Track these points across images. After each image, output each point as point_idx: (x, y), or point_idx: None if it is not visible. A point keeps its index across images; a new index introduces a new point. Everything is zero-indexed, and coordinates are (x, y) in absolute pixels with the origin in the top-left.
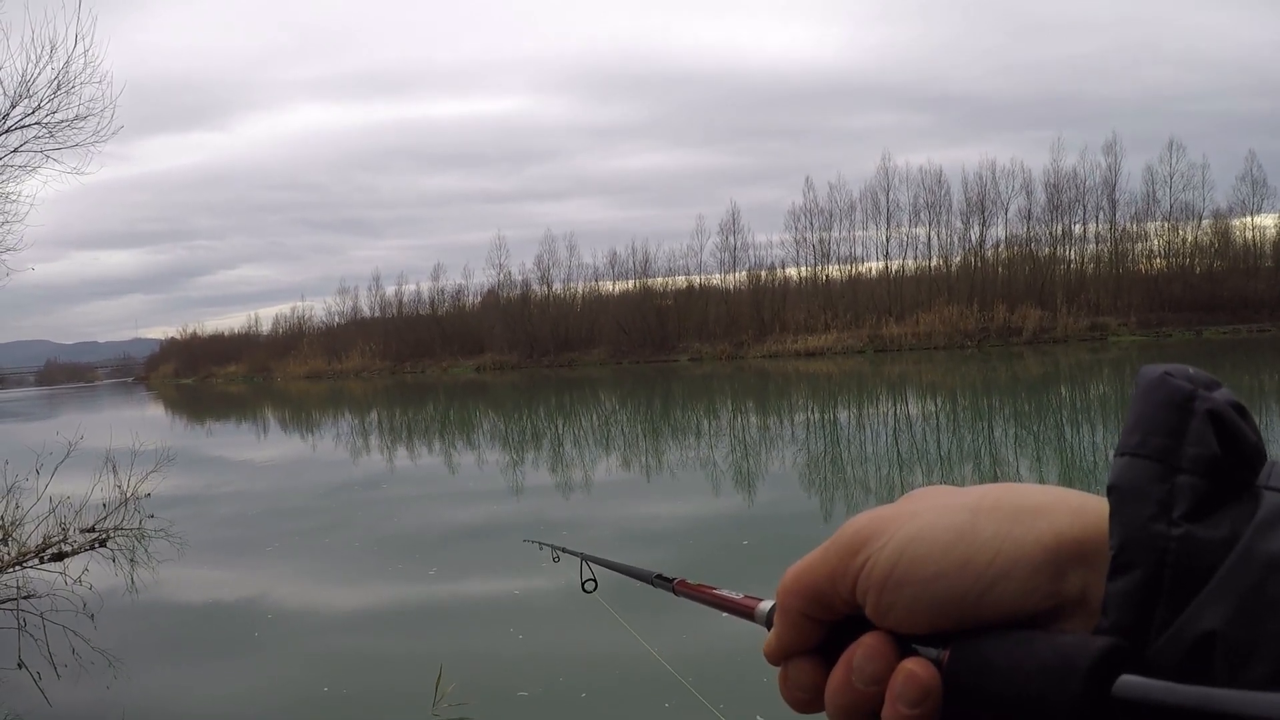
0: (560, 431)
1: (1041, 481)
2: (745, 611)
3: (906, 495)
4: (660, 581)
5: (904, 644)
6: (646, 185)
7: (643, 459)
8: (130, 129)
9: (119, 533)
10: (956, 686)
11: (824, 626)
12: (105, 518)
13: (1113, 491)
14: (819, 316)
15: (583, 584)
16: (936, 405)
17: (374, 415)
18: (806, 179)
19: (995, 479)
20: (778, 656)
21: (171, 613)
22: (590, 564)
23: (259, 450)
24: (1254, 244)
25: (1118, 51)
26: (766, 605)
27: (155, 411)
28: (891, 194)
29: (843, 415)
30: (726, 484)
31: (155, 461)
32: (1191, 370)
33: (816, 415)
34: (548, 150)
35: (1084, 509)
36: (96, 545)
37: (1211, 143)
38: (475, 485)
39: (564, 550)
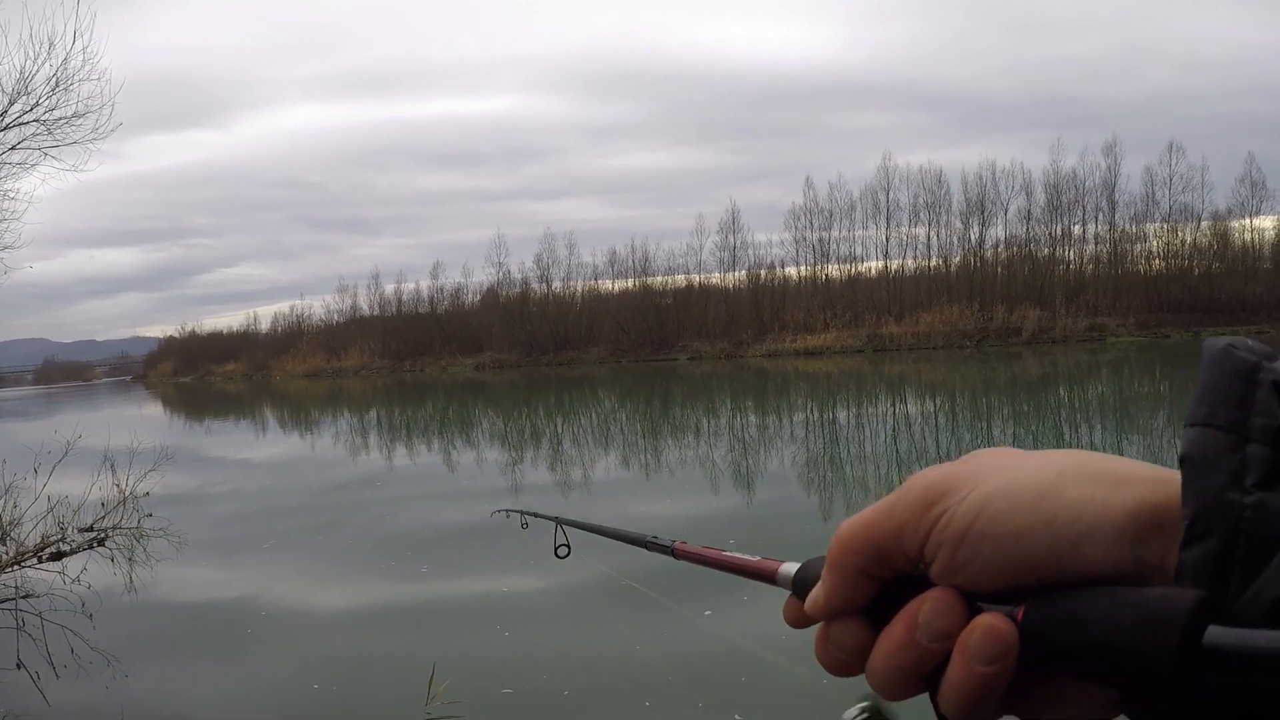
0: (559, 430)
1: None
2: (764, 574)
3: (970, 455)
4: (655, 545)
5: (971, 602)
6: (645, 184)
7: (641, 458)
8: (128, 127)
9: (117, 532)
10: (1035, 641)
11: (877, 585)
12: (104, 517)
13: (1185, 462)
14: (818, 316)
15: (555, 549)
16: (935, 405)
17: (373, 414)
18: (806, 178)
19: None
20: (824, 614)
21: (169, 612)
22: (565, 529)
23: (257, 449)
24: (1253, 246)
25: (1118, 53)
26: (790, 567)
27: (153, 410)
28: (891, 194)
29: (842, 415)
30: (725, 483)
31: (154, 460)
32: (1252, 342)
33: (815, 414)
34: (546, 149)
35: (1162, 479)
36: (95, 544)
37: (1211, 145)
38: (472, 484)
39: (535, 515)
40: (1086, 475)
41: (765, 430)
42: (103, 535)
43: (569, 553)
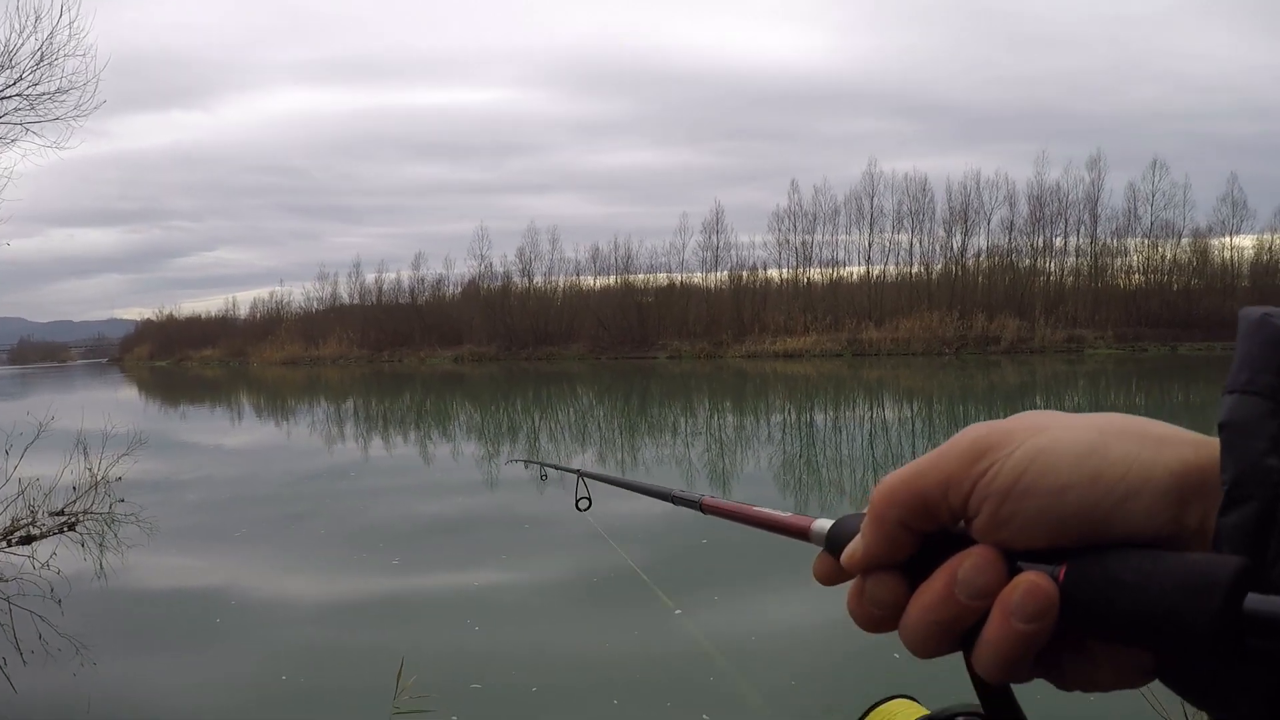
0: (536, 425)
1: None
2: (796, 531)
3: (1014, 415)
4: (682, 499)
5: (1011, 560)
6: (631, 182)
7: (617, 455)
8: (111, 105)
9: (89, 517)
10: (1076, 602)
11: (917, 540)
12: (75, 501)
13: (1224, 428)
14: (799, 319)
15: (576, 502)
16: (913, 410)
17: (349, 404)
18: (792, 181)
19: None
20: (861, 567)
21: (139, 599)
22: (587, 481)
23: (232, 436)
24: (1232, 264)
25: (1105, 69)
26: (824, 524)
27: (128, 394)
28: (876, 200)
29: (819, 417)
30: (700, 483)
31: (127, 445)
32: None
33: (793, 416)
34: (532, 143)
35: (1203, 443)
36: (65, 529)
37: (1194, 163)
38: (447, 477)
39: (554, 466)
40: (1131, 434)
41: (743, 431)
42: (73, 520)
43: (590, 505)
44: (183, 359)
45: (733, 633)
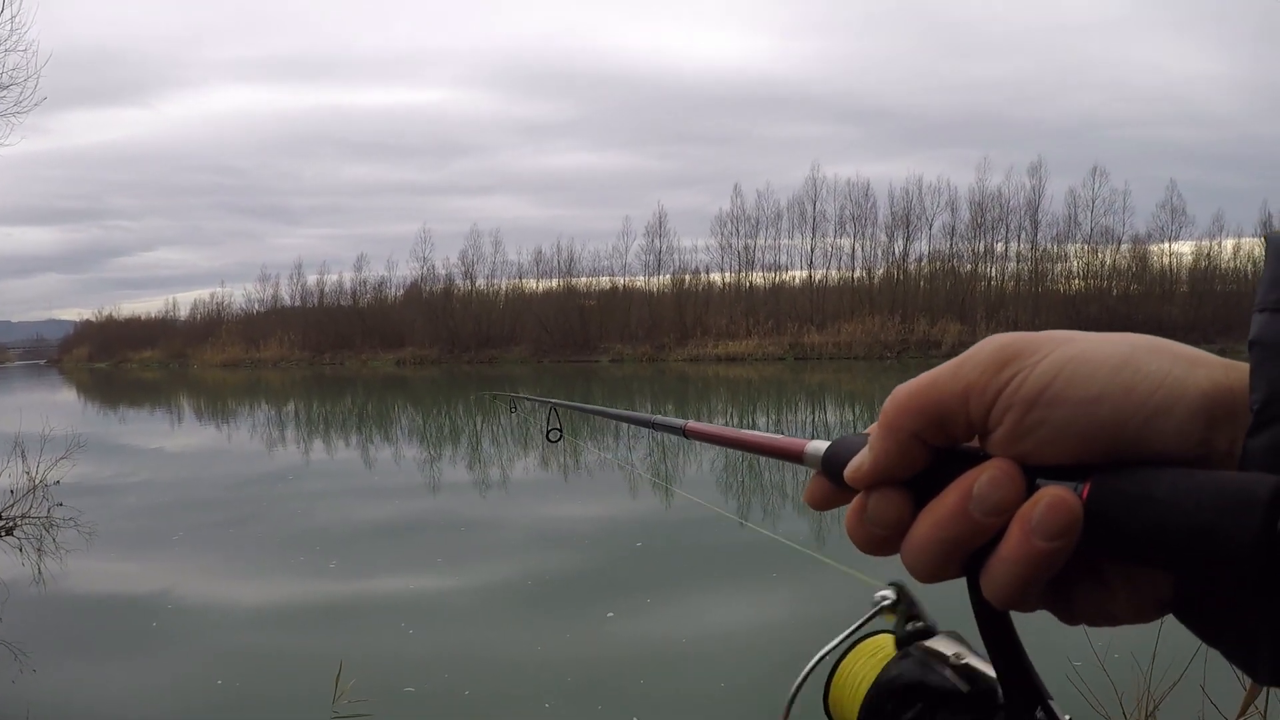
0: (479, 429)
1: None
2: (789, 453)
3: (1042, 332)
4: (662, 425)
5: (1030, 476)
6: (573, 184)
7: (560, 459)
8: (51, 101)
9: (26, 521)
10: (1102, 518)
11: (929, 455)
12: (12, 505)
13: (1254, 346)
14: (741, 322)
15: (547, 433)
16: (855, 414)
17: (290, 407)
18: (735, 186)
19: None
20: (867, 482)
21: (77, 604)
22: (559, 411)
23: (172, 439)
24: (1171, 270)
25: (1048, 77)
26: (819, 445)
27: (67, 396)
28: (818, 204)
29: (761, 420)
30: (642, 486)
31: (65, 448)
32: None
33: (735, 420)
34: (474, 144)
35: (1234, 365)
36: (3, 534)
37: (1134, 170)
38: (387, 481)
39: (525, 398)
40: (1163, 351)
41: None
42: (11, 524)
43: (560, 437)
44: (122, 361)
45: (664, 635)
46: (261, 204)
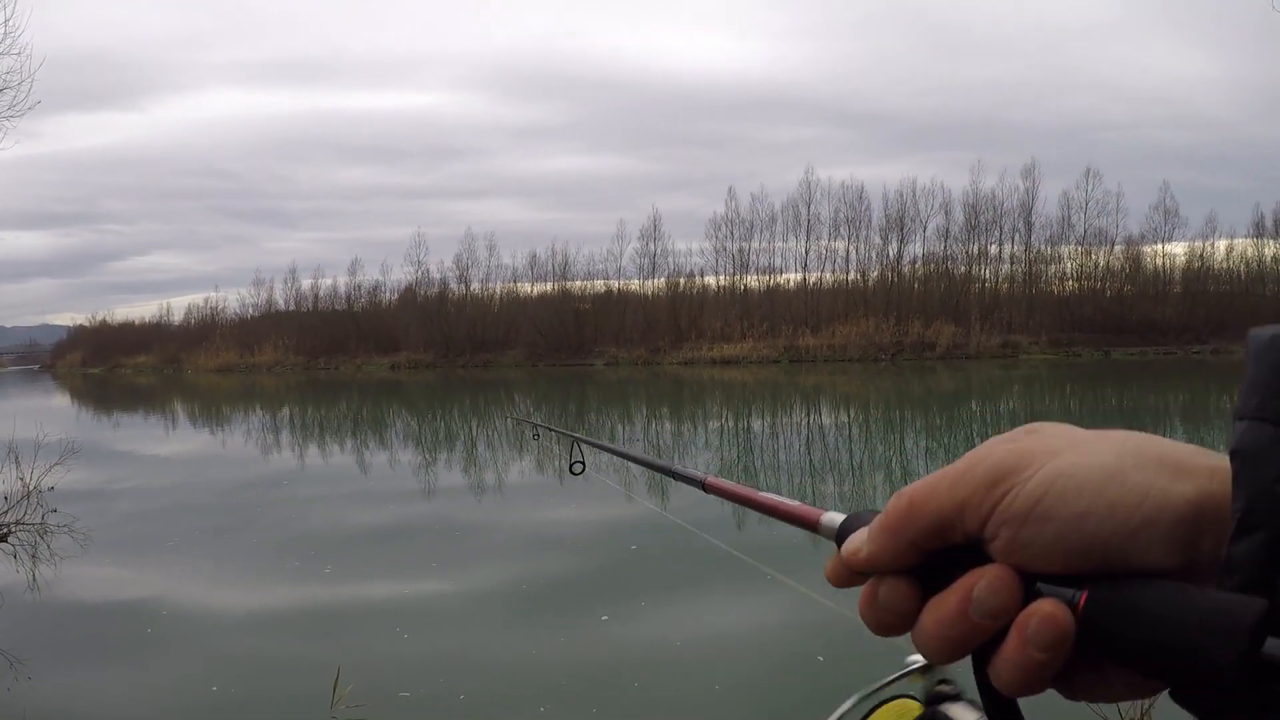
0: (474, 433)
1: None
2: (805, 521)
3: (1026, 428)
4: (683, 475)
5: (1028, 581)
6: (568, 187)
7: (555, 463)
8: (45, 105)
9: (20, 528)
10: (1094, 630)
11: (927, 553)
12: (6, 512)
13: (1236, 456)
14: (735, 325)
15: (570, 466)
16: (850, 416)
17: (285, 412)
18: (729, 189)
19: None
20: (861, 569)
21: (72, 610)
22: (583, 446)
23: (166, 445)
24: (1164, 271)
25: (1042, 80)
26: (834, 518)
27: (61, 401)
28: (813, 207)
29: (756, 424)
30: (637, 488)
31: (59, 454)
32: None
33: (731, 423)
34: (468, 147)
35: (1218, 471)
36: None
37: (1127, 172)
38: (382, 486)
39: (549, 428)
40: (1149, 460)
41: (680, 438)
42: (5, 531)
43: (584, 469)
44: (116, 365)
45: (659, 637)
46: (256, 208)
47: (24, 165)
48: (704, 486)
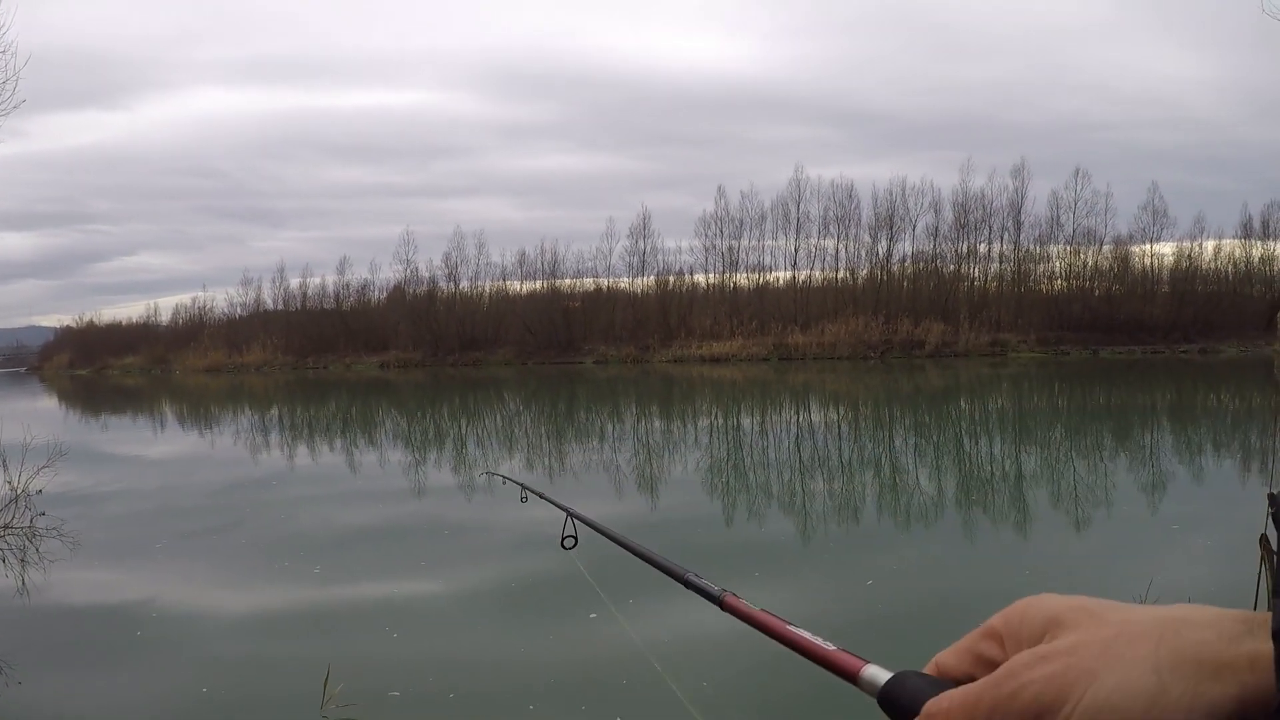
0: (463, 432)
1: (947, 492)
2: (842, 670)
3: (1046, 614)
4: (696, 586)
5: None
6: (557, 186)
7: (545, 461)
8: (31, 104)
9: (9, 531)
10: None
11: None
12: None
13: (1278, 637)
14: (725, 323)
15: (562, 540)
16: (839, 414)
17: (274, 412)
18: (719, 187)
19: (896, 487)
20: None
21: (62, 614)
22: (576, 521)
23: (155, 446)
24: (1152, 270)
25: (1032, 80)
26: (878, 674)
27: (48, 403)
28: (802, 205)
29: (746, 421)
30: (628, 486)
31: (47, 457)
32: None
33: (720, 421)
34: (457, 146)
35: (1259, 661)
36: None
37: (1116, 172)
38: (370, 485)
39: (537, 494)
40: (1187, 665)
41: (669, 436)
42: None
43: (575, 544)
44: (104, 367)
45: (649, 636)
46: (243, 207)
47: (10, 165)
48: (721, 604)
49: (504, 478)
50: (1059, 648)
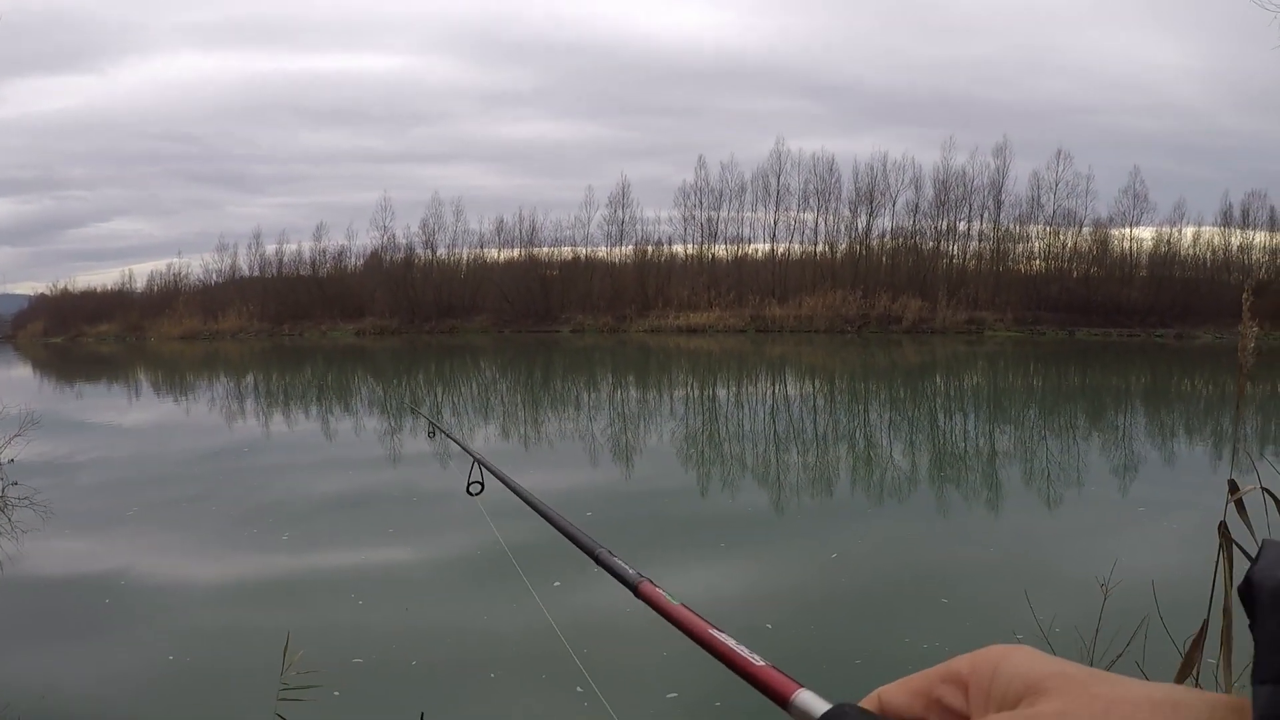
0: (439, 400)
1: (920, 468)
2: (772, 690)
3: (1033, 685)
4: (611, 569)
5: None
6: (535, 153)
7: (520, 429)
8: (4, 68)
9: None
10: None
11: None
12: None
13: None
14: (703, 294)
15: (468, 486)
16: (815, 387)
17: (249, 379)
18: (699, 158)
19: (870, 462)
20: None
21: (33, 584)
22: (484, 468)
23: (128, 415)
24: (1130, 254)
25: (1016, 60)
26: (814, 702)
27: (22, 372)
28: (783, 178)
29: (722, 393)
30: (604, 457)
31: (19, 425)
32: None
33: (696, 392)
34: (435, 112)
35: None
36: None
37: (1098, 155)
38: (343, 454)
39: (448, 435)
40: None
41: (645, 406)
42: None
43: (481, 490)
44: (78, 335)
45: (609, 604)
46: (219, 172)
47: None
48: (635, 591)
49: (413, 409)
50: (1042, 715)
